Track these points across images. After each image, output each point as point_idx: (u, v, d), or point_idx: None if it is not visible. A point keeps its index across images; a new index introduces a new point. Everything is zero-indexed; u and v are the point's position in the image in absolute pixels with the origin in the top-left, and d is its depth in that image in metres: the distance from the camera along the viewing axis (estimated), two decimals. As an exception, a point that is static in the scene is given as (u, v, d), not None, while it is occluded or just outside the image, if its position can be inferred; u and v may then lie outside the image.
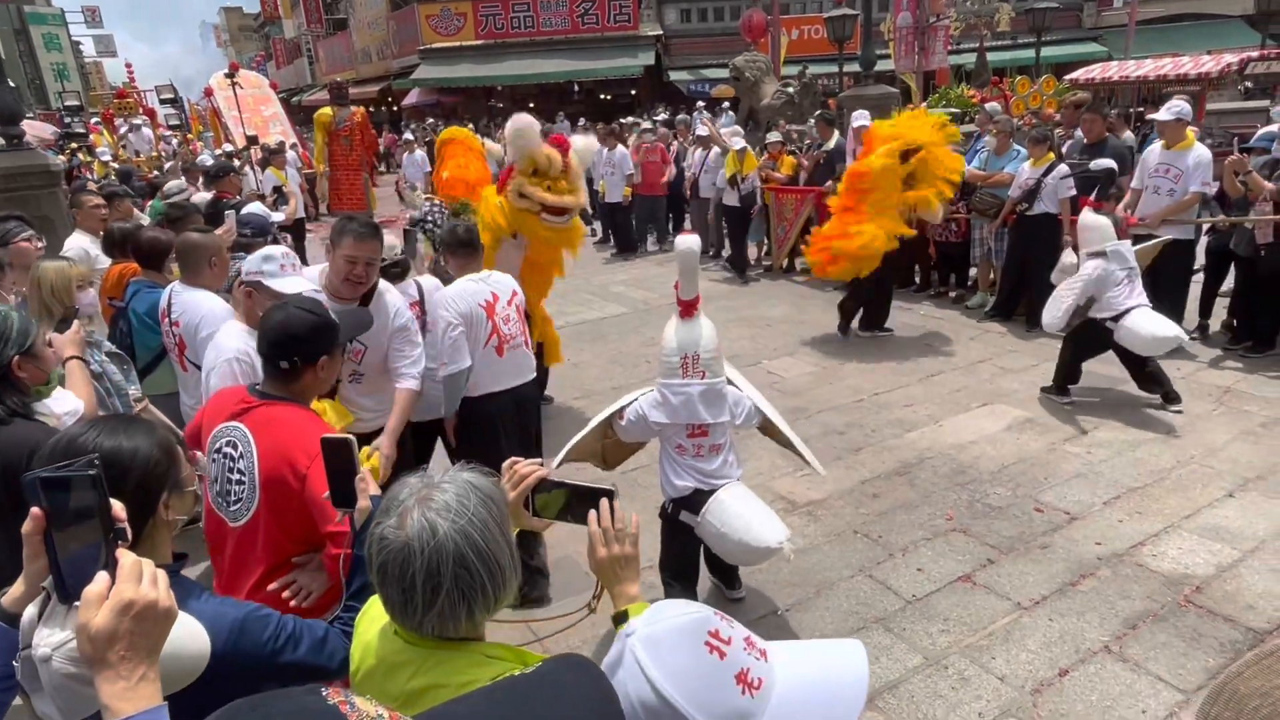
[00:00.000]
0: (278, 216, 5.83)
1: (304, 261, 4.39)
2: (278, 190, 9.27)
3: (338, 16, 35.79)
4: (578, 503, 1.40)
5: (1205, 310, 6.41)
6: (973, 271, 7.88)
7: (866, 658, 1.13)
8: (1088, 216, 5.08)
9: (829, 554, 3.79)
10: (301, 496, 1.87)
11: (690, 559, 3.22)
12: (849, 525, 4.03)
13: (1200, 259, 6.43)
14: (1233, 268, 6.13)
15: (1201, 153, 5.92)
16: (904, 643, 3.16)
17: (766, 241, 9.66)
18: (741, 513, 2.91)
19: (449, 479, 1.17)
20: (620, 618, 1.29)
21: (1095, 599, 3.35)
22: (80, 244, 5.00)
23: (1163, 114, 5.97)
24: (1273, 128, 6.25)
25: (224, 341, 2.61)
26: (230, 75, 16.91)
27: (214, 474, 2.01)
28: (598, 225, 11.84)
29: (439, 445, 3.71)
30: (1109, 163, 5.63)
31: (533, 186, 4.49)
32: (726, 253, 10.60)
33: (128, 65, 31.74)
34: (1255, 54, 13.27)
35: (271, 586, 1.92)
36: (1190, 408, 5.05)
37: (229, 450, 1.98)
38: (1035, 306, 6.52)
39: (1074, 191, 6.39)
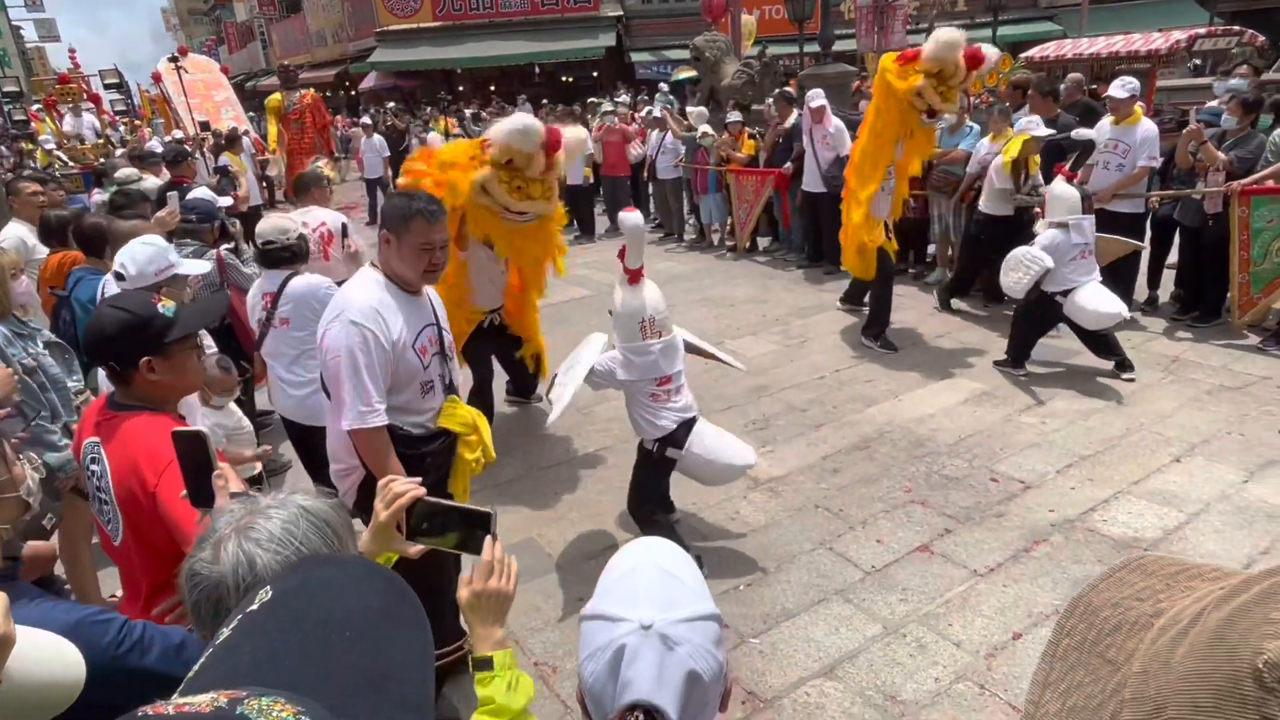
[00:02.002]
0: (225, 201, 5.66)
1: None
2: (220, 172, 8.97)
3: (291, -2, 34.82)
4: (456, 525, 1.32)
5: (1153, 281, 6.56)
6: (931, 248, 7.98)
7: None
8: (1058, 186, 5.05)
9: (789, 529, 3.82)
10: (157, 515, 1.75)
11: (665, 491, 3.57)
12: (810, 500, 4.07)
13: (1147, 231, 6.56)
14: (1176, 237, 6.26)
15: (1148, 127, 6.01)
16: (863, 613, 3.20)
17: (730, 220, 9.65)
18: (716, 444, 3.40)
19: (277, 504, 1.05)
20: (484, 663, 1.21)
21: (1048, 564, 3.43)
22: (18, 233, 4.82)
23: (1115, 89, 6.05)
24: (1214, 103, 6.39)
25: None
26: (174, 60, 16.36)
27: (90, 490, 1.91)
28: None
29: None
30: (1090, 133, 5.57)
31: (500, 185, 3.86)
32: (692, 235, 10.53)
33: (71, 50, 30.47)
34: (1203, 30, 13.50)
35: (155, 611, 1.81)
36: (1140, 377, 5.18)
37: (94, 468, 1.86)
38: (993, 282, 6.61)
39: None
